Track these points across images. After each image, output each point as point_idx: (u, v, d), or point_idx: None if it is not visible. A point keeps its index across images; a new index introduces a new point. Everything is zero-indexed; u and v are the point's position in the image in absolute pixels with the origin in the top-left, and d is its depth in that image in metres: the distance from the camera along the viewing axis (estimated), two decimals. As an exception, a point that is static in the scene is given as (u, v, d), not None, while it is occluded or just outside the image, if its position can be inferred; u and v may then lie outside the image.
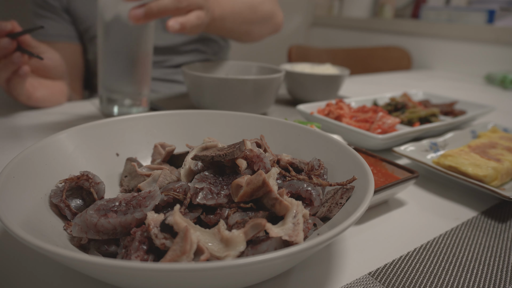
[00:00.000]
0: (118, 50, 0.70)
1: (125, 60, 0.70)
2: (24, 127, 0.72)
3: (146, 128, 0.51)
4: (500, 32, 1.74)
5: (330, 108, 0.77)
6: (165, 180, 0.41)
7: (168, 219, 0.30)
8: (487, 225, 0.48)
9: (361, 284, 0.36)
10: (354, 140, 0.67)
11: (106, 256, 0.33)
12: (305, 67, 1.05)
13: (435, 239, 0.44)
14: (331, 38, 2.61)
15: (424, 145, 0.65)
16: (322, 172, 0.41)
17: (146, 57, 0.73)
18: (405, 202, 0.53)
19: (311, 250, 0.26)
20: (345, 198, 0.37)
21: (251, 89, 0.75)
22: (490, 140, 0.66)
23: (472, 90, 1.39)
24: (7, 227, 0.26)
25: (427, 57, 2.04)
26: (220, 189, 0.36)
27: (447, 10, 1.98)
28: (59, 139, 0.42)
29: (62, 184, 0.38)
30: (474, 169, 0.54)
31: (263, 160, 0.39)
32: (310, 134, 0.49)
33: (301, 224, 0.32)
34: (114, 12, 0.67)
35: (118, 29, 0.68)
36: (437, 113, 0.81)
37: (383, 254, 0.41)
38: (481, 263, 0.40)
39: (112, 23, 0.68)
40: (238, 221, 0.33)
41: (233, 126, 0.53)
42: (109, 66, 0.71)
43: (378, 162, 0.54)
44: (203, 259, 0.28)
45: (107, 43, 0.69)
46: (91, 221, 0.31)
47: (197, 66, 0.88)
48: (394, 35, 2.19)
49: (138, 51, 0.71)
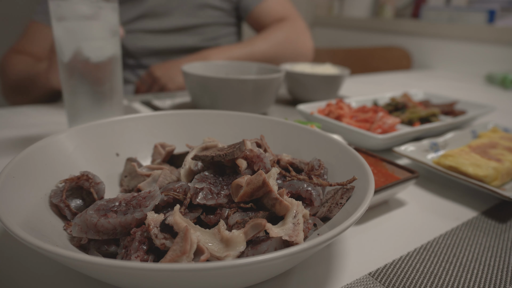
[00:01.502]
0: (81, 90, 0.62)
1: (90, 98, 0.63)
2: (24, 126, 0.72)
3: (146, 128, 0.51)
4: (500, 32, 1.73)
5: (330, 108, 0.77)
6: (165, 180, 0.41)
7: (168, 219, 0.30)
8: (487, 225, 0.48)
9: (361, 284, 0.36)
10: (354, 140, 0.67)
11: (106, 256, 0.33)
12: (305, 67, 1.05)
13: (435, 239, 0.44)
14: (331, 38, 2.61)
15: (424, 145, 0.65)
16: (322, 172, 0.41)
17: (112, 91, 0.65)
18: (405, 202, 0.53)
19: (311, 250, 0.26)
20: (345, 198, 0.37)
21: (251, 89, 0.75)
22: (490, 140, 0.66)
23: (473, 90, 1.39)
24: (7, 227, 0.26)
25: (427, 57, 2.04)
26: (220, 189, 0.36)
27: (447, 10, 1.98)
28: (59, 139, 0.42)
29: (62, 184, 0.38)
30: (474, 169, 0.54)
31: (263, 160, 0.39)
32: (310, 134, 0.49)
33: (301, 224, 0.32)
34: (73, 50, 0.59)
35: (79, 68, 0.61)
36: (437, 113, 0.81)
37: (383, 254, 0.41)
38: (481, 263, 0.40)
39: (73, 63, 0.60)
40: (238, 221, 0.33)
41: (233, 126, 0.53)
42: (74, 102, 0.64)
43: (378, 162, 0.54)
44: (203, 259, 0.28)
45: (70, 82, 0.62)
46: (91, 221, 0.31)
47: (197, 66, 0.88)
48: (394, 35, 2.19)
49: (103, 86, 0.64)
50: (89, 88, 0.62)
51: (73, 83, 0.61)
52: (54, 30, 0.58)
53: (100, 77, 0.62)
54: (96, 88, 0.63)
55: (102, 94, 0.64)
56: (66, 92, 0.63)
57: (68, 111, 0.64)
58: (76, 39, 0.59)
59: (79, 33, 0.58)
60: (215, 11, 1.22)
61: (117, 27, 0.63)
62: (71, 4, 0.57)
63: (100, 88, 0.63)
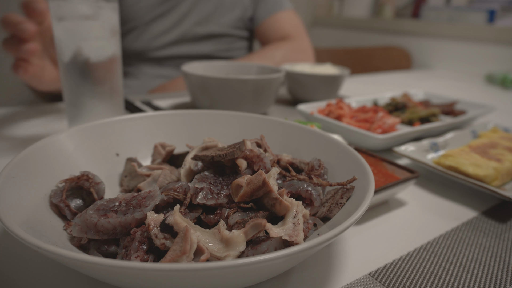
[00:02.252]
0: (81, 90, 0.62)
1: (90, 98, 0.63)
2: (24, 126, 0.72)
3: (146, 128, 0.51)
4: (500, 31, 1.73)
5: (330, 108, 0.77)
6: (165, 180, 0.41)
7: (168, 219, 0.30)
8: (487, 225, 0.48)
9: (361, 284, 0.36)
10: (354, 140, 0.67)
11: (106, 256, 0.33)
12: (305, 67, 1.05)
13: (435, 239, 0.44)
14: (331, 38, 2.61)
15: (424, 145, 0.65)
16: (322, 172, 0.41)
17: (112, 91, 0.65)
18: (405, 202, 0.53)
19: (311, 250, 0.26)
20: (345, 198, 0.37)
21: (251, 89, 0.75)
22: (490, 140, 0.66)
23: (473, 90, 1.39)
24: (7, 227, 0.26)
25: (427, 57, 2.04)
26: (220, 189, 0.36)
27: (447, 10, 1.98)
28: (59, 139, 0.42)
29: (62, 184, 0.38)
30: (474, 169, 0.54)
31: (263, 160, 0.39)
32: (310, 134, 0.49)
33: (301, 224, 0.32)
34: (73, 50, 0.59)
35: (79, 68, 0.60)
36: (437, 113, 0.81)
37: (383, 254, 0.41)
38: (481, 263, 0.40)
39: (73, 63, 0.60)
40: (238, 221, 0.33)
41: (233, 126, 0.53)
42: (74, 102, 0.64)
43: (378, 162, 0.54)
44: (203, 259, 0.28)
45: (70, 82, 0.62)
46: (91, 221, 0.31)
47: (197, 66, 0.88)
48: (394, 35, 2.19)
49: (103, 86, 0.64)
50: (89, 88, 0.62)
51: (73, 83, 0.61)
52: (54, 30, 0.58)
53: (100, 77, 0.63)
54: (96, 88, 0.63)
55: (102, 94, 0.64)
56: (66, 92, 0.63)
57: (68, 111, 0.64)
58: (76, 39, 0.59)
59: (79, 33, 0.58)
60: (232, 20, 1.24)
61: (117, 27, 0.63)
62: (71, 4, 0.57)
63: (100, 88, 0.63)
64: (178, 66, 1.23)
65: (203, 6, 1.20)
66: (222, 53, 1.28)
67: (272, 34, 1.27)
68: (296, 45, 1.24)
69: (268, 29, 1.27)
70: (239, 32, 1.29)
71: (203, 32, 1.22)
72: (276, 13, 1.26)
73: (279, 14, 1.26)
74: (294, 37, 1.26)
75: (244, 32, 1.31)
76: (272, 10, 1.26)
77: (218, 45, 1.26)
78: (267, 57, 1.15)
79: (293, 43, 1.24)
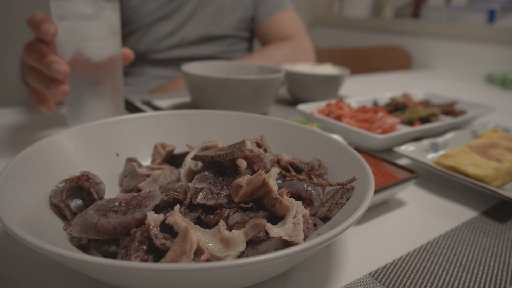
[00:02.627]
0: (81, 90, 0.62)
1: (90, 98, 0.63)
2: (24, 126, 0.72)
3: (146, 128, 0.51)
4: (500, 31, 1.73)
5: (330, 108, 0.77)
6: (165, 180, 0.41)
7: (168, 219, 0.30)
8: (487, 225, 0.48)
9: (361, 284, 0.36)
10: (354, 140, 0.67)
11: (106, 256, 0.33)
12: (305, 67, 1.05)
13: (435, 239, 0.44)
14: (331, 38, 2.61)
15: (424, 145, 0.65)
16: (322, 172, 0.41)
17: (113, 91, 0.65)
18: (405, 202, 0.53)
19: (311, 250, 0.26)
20: (345, 198, 0.37)
21: (251, 89, 0.75)
22: (490, 140, 0.66)
23: (473, 90, 1.39)
24: (7, 227, 0.26)
25: (427, 57, 2.04)
26: (220, 189, 0.36)
27: (447, 10, 1.98)
28: (59, 139, 0.42)
29: (62, 184, 0.38)
30: (474, 169, 0.54)
31: (263, 160, 0.39)
32: (310, 134, 0.49)
33: (301, 224, 0.32)
34: (74, 50, 0.59)
35: (79, 68, 0.61)
36: (437, 113, 0.81)
37: (383, 254, 0.41)
38: (482, 263, 0.40)
39: (73, 62, 0.60)
40: (238, 221, 0.33)
41: (233, 126, 0.53)
42: (74, 102, 0.64)
43: (378, 162, 0.54)
44: (203, 259, 0.28)
45: (71, 82, 0.61)
46: (91, 221, 0.31)
47: (197, 66, 0.88)
48: (394, 35, 2.19)
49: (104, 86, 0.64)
50: (89, 88, 0.62)
51: (73, 83, 0.61)
52: None
53: (101, 77, 0.63)
54: (96, 88, 0.63)
55: (103, 94, 0.64)
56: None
57: (69, 111, 0.64)
58: (76, 39, 0.59)
59: (80, 33, 0.59)
60: (234, 21, 1.24)
61: (118, 27, 0.63)
62: (72, 4, 0.57)
63: (100, 88, 0.63)
64: (180, 67, 1.23)
65: (205, 8, 1.20)
66: (224, 54, 1.28)
67: (272, 34, 1.27)
68: (297, 45, 1.24)
69: (268, 29, 1.27)
70: (240, 33, 1.29)
71: (205, 34, 1.22)
72: (277, 13, 1.26)
73: (280, 14, 1.26)
74: (294, 37, 1.26)
75: (245, 33, 1.31)
76: (273, 10, 1.26)
77: (220, 47, 1.26)
78: (267, 57, 1.15)
79: (294, 43, 1.24)
